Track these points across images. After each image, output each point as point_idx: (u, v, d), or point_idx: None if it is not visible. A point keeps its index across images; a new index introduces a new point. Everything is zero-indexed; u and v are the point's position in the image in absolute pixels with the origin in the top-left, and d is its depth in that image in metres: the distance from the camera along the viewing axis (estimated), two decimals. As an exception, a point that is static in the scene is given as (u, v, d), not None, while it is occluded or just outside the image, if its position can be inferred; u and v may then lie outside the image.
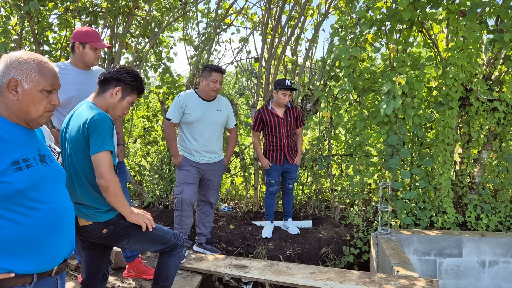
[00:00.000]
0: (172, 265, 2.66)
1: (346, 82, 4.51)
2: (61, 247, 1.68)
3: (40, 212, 1.58)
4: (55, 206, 1.64)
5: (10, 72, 1.57)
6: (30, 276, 1.57)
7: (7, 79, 1.57)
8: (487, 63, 4.89)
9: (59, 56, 5.47)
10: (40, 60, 1.63)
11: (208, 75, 3.78)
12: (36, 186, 1.57)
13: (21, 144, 1.58)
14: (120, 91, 2.39)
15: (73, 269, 3.56)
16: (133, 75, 2.42)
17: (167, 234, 2.58)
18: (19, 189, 1.50)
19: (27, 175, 1.54)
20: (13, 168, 1.50)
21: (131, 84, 2.40)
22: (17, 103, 1.59)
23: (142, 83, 2.47)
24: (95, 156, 2.19)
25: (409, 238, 4.23)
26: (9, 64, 1.58)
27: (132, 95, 2.44)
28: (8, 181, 1.48)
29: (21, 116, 1.61)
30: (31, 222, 1.55)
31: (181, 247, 2.66)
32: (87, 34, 3.10)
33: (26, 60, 1.60)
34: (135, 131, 6.37)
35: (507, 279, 4.27)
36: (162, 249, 2.58)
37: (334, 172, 5.58)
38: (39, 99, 1.62)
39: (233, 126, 4.13)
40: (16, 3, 4.64)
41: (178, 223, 3.91)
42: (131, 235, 2.42)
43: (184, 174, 3.86)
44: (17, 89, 1.58)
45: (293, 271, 3.53)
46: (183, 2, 5.37)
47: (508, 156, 4.72)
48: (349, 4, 4.92)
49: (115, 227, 2.37)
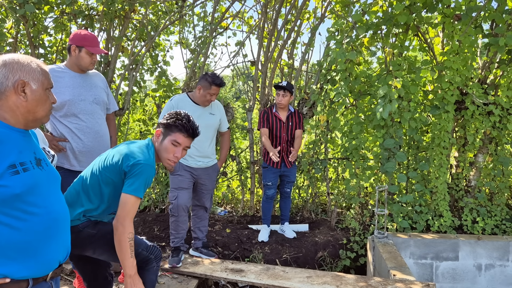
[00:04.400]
0: (148, 280, 2.44)
1: (343, 86, 4.52)
2: (57, 252, 1.66)
3: (36, 217, 1.56)
4: (50, 211, 1.62)
5: (15, 74, 1.56)
6: (25, 282, 1.55)
7: (13, 82, 1.56)
8: (482, 67, 4.91)
9: (54, 59, 5.44)
10: (36, 61, 1.65)
11: (207, 87, 3.72)
12: (32, 190, 1.55)
13: (18, 147, 1.56)
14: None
15: (67, 273, 3.53)
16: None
17: (138, 247, 2.38)
18: (15, 193, 1.49)
19: (24, 179, 1.52)
20: (10, 172, 1.49)
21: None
22: (26, 104, 1.58)
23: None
24: (126, 197, 2.19)
25: (406, 242, 4.23)
26: (10, 67, 1.56)
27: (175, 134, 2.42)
28: (5, 185, 1.47)
29: (28, 117, 1.61)
30: (27, 227, 1.53)
31: (156, 261, 2.48)
32: (85, 38, 3.08)
33: (27, 62, 1.60)
34: (131, 135, 6.34)
35: (503, 282, 4.27)
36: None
37: (330, 176, 5.57)
38: (45, 98, 1.64)
39: (226, 129, 4.11)
40: (12, 6, 4.63)
41: (174, 229, 3.86)
42: (96, 245, 2.32)
43: (178, 179, 3.82)
44: (25, 90, 1.58)
45: (289, 275, 3.51)
46: (180, 5, 5.37)
47: (503, 159, 4.73)
48: (345, 8, 4.93)
49: (77, 236, 2.26)
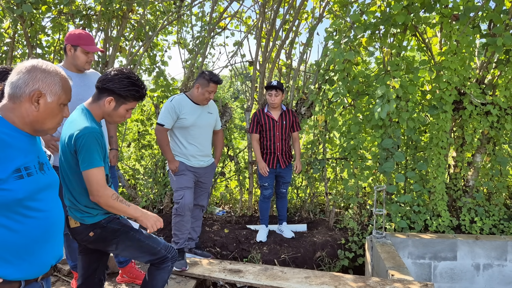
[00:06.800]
0: (160, 279, 2.51)
1: (341, 86, 4.51)
2: (51, 255, 1.68)
3: (35, 220, 1.58)
4: (49, 215, 1.64)
5: (35, 83, 1.57)
6: (17, 282, 1.57)
7: (31, 91, 1.57)
8: (480, 67, 4.92)
9: (52, 59, 5.43)
10: (62, 74, 1.66)
11: (205, 85, 3.69)
12: (34, 195, 1.57)
13: (24, 151, 1.57)
14: (113, 100, 2.26)
15: (65, 274, 3.52)
16: (127, 84, 2.24)
17: (158, 245, 2.46)
18: (18, 198, 1.50)
19: (28, 184, 1.54)
20: (15, 176, 1.50)
21: (124, 94, 2.25)
22: (36, 114, 1.59)
23: (138, 90, 2.28)
24: (85, 174, 2.15)
25: (404, 242, 4.23)
26: (34, 75, 1.58)
27: (128, 103, 2.29)
28: (8, 189, 1.48)
29: (35, 126, 1.61)
30: (25, 230, 1.55)
31: (172, 261, 2.52)
32: (79, 37, 3.05)
33: (51, 73, 1.61)
34: (129, 135, 6.33)
35: (501, 282, 4.28)
36: (152, 260, 2.47)
37: (328, 176, 5.57)
38: (57, 112, 1.65)
39: (220, 128, 4.11)
40: (9, 6, 4.61)
41: (179, 229, 3.73)
42: (119, 240, 2.35)
43: (184, 178, 3.76)
44: (39, 101, 1.59)
45: (288, 275, 3.51)
46: (177, 5, 5.36)
47: (501, 159, 4.74)
48: (343, 8, 4.93)
49: (102, 231, 2.31)
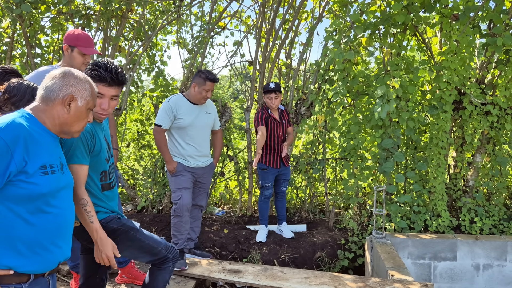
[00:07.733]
0: (161, 279, 2.50)
1: (340, 86, 4.51)
2: (60, 252, 1.76)
3: (51, 216, 1.68)
4: (64, 213, 1.75)
5: (68, 88, 1.72)
6: (27, 276, 1.64)
7: (64, 94, 1.70)
8: (480, 67, 4.91)
9: (51, 59, 5.42)
10: (91, 82, 1.81)
11: (202, 83, 3.68)
12: (55, 192, 1.69)
13: (49, 150, 1.70)
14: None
15: (64, 274, 3.52)
16: (90, 69, 2.22)
17: (158, 245, 2.44)
18: (42, 192, 1.62)
19: (51, 181, 1.66)
20: (41, 172, 1.62)
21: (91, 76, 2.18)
22: (67, 117, 1.73)
23: (97, 69, 2.21)
24: (70, 168, 2.06)
25: (404, 242, 4.23)
26: (68, 80, 1.73)
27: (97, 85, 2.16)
28: (35, 183, 1.60)
29: (63, 128, 1.75)
30: (41, 224, 1.64)
31: (173, 261, 2.51)
32: (78, 38, 3.02)
33: (82, 80, 1.77)
34: (129, 135, 6.32)
35: (501, 282, 4.27)
36: (152, 260, 2.46)
37: (328, 176, 5.57)
38: (85, 116, 1.79)
39: (218, 127, 4.10)
40: (8, 5, 4.60)
41: (178, 230, 3.72)
42: (119, 240, 2.33)
43: (181, 179, 3.75)
44: (70, 104, 1.72)
45: (287, 275, 3.50)
46: (177, 5, 5.35)
47: (501, 159, 4.73)
48: (343, 7, 4.92)
49: None
